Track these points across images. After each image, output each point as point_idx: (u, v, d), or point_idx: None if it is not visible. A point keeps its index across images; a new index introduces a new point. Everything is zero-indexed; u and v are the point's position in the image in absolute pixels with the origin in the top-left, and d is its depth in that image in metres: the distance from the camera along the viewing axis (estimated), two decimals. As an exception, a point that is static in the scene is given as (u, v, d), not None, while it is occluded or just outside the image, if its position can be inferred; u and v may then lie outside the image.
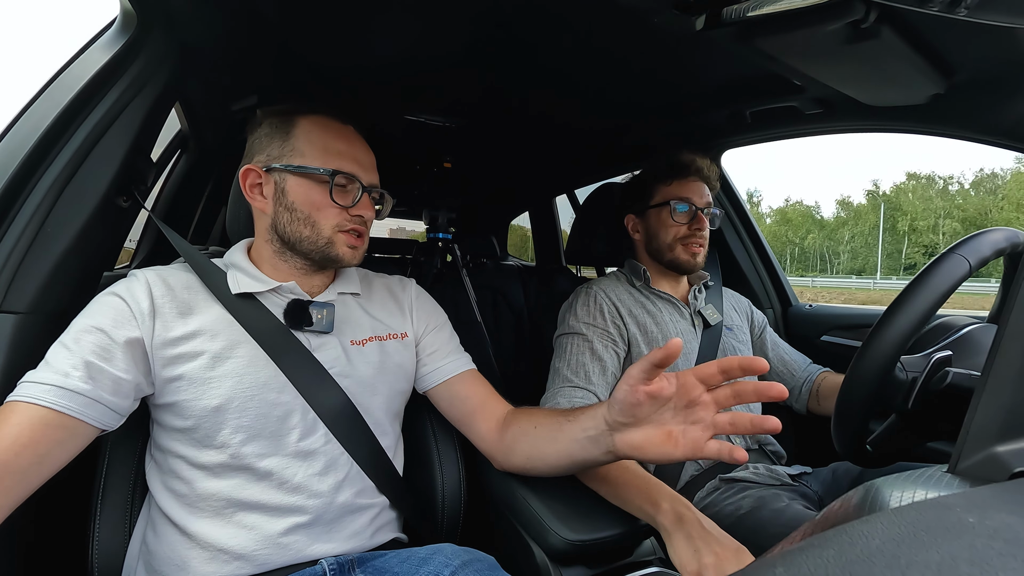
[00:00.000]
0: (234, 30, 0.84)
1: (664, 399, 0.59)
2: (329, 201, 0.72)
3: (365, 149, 0.78)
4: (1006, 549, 0.20)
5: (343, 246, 0.74)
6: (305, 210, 0.72)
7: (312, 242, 0.73)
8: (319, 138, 0.74)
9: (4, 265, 0.65)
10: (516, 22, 0.81)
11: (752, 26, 0.71)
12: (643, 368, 0.57)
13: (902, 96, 0.90)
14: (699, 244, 1.11)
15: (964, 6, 0.54)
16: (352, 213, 0.74)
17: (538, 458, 0.74)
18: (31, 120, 0.70)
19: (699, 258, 1.12)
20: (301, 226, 0.73)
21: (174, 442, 0.67)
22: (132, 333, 0.63)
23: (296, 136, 0.73)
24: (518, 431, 0.76)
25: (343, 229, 0.74)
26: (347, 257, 0.75)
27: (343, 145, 0.75)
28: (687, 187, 1.12)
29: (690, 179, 1.13)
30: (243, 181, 0.75)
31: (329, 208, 0.73)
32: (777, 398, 0.53)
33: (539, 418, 0.75)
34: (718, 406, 0.58)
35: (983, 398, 0.33)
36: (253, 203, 0.75)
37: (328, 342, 0.74)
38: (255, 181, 0.74)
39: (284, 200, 0.73)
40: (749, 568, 0.24)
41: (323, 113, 0.76)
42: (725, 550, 0.64)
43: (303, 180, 0.73)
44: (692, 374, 0.58)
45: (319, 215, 0.73)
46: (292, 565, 0.66)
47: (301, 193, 0.72)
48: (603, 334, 1.05)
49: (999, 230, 0.73)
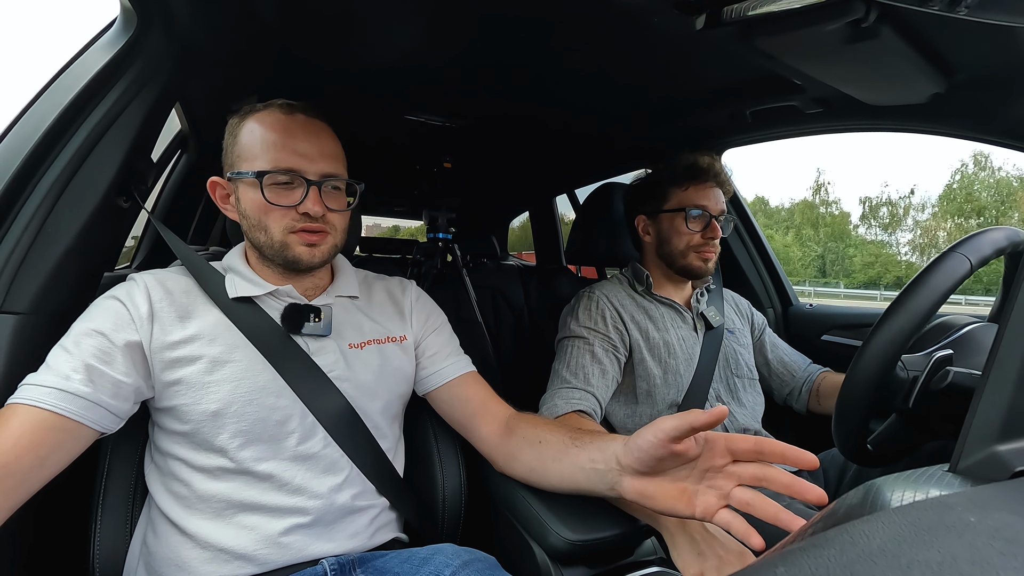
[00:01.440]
0: (234, 30, 0.84)
1: (689, 459, 0.56)
2: (266, 204, 0.68)
3: (311, 138, 0.70)
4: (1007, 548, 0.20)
5: (298, 246, 0.70)
6: (255, 216, 0.70)
7: (269, 246, 0.70)
8: (256, 136, 0.70)
9: (4, 265, 0.65)
10: (516, 22, 0.81)
11: (752, 26, 0.71)
12: (677, 425, 0.53)
13: (902, 96, 0.90)
14: (712, 251, 1.10)
15: (964, 6, 0.54)
16: (300, 211, 0.69)
17: (540, 473, 0.73)
18: (31, 120, 0.70)
19: (710, 264, 1.11)
20: (257, 232, 0.71)
21: (174, 445, 0.67)
22: (131, 337, 0.63)
23: (240, 139, 0.71)
24: (522, 440, 0.75)
25: (293, 230, 0.69)
26: (306, 257, 0.70)
27: (280, 138, 0.69)
28: (703, 193, 1.10)
29: (707, 185, 1.11)
30: (212, 194, 0.75)
31: (272, 210, 0.68)
32: (815, 501, 0.48)
33: (544, 432, 0.73)
34: (739, 481, 0.54)
35: (984, 397, 0.33)
36: (227, 214, 0.75)
37: (326, 346, 0.74)
38: (222, 192, 0.74)
39: (239, 208, 0.72)
40: (750, 568, 0.24)
41: (269, 107, 0.72)
42: (728, 552, 0.64)
43: (245, 186, 0.70)
44: (724, 441, 0.55)
45: (267, 219, 0.69)
46: (292, 565, 0.66)
47: (247, 199, 0.70)
48: (604, 339, 1.04)
49: (1000, 229, 0.73)
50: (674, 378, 1.04)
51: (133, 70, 0.74)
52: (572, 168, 1.84)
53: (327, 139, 0.73)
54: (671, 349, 1.05)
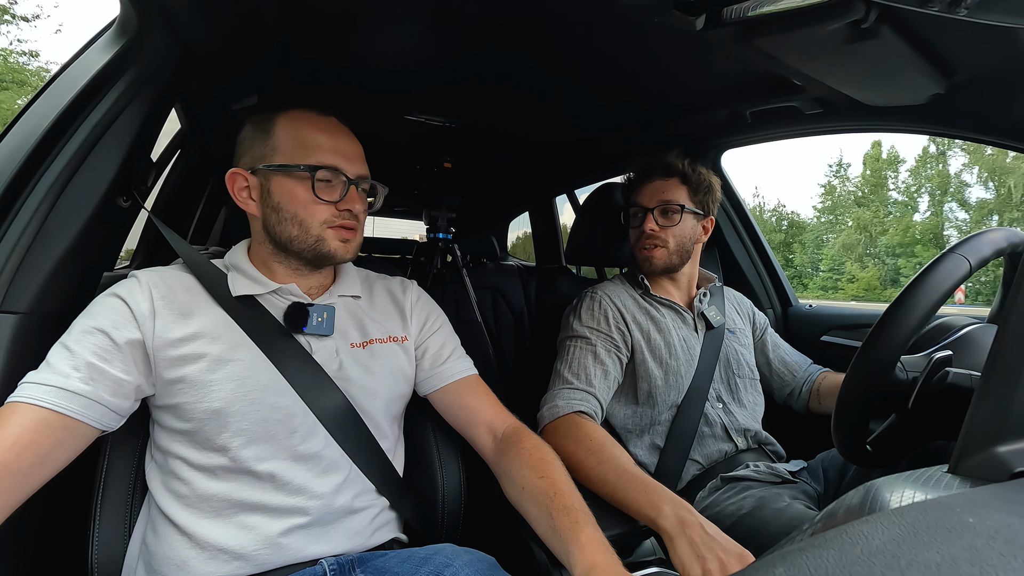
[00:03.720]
0: (234, 30, 0.84)
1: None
2: (313, 197, 0.71)
3: (350, 140, 0.76)
4: (1006, 549, 0.20)
5: (334, 241, 0.73)
6: (291, 209, 0.71)
7: (302, 241, 0.72)
8: (298, 133, 0.72)
9: (4, 265, 0.65)
10: (516, 23, 0.81)
11: (752, 26, 0.71)
12: None
13: (902, 96, 0.90)
14: (646, 245, 1.10)
15: (964, 6, 0.54)
16: (340, 208, 0.72)
17: (520, 510, 0.72)
18: (31, 120, 0.70)
19: (655, 261, 1.10)
20: (289, 226, 0.71)
21: (174, 443, 0.67)
22: (132, 334, 0.63)
23: (276, 134, 0.72)
24: (509, 467, 0.74)
25: (332, 225, 0.72)
26: (340, 252, 0.73)
27: (324, 138, 0.72)
28: (641, 191, 1.13)
29: (649, 181, 1.13)
30: (230, 186, 0.74)
31: (314, 205, 0.71)
32: None
33: (529, 477, 0.70)
34: None
35: (983, 398, 0.33)
36: (243, 206, 0.74)
37: (328, 345, 0.74)
38: (242, 185, 0.74)
39: (270, 201, 0.72)
40: (750, 568, 0.25)
41: (302, 107, 0.74)
42: (729, 555, 0.64)
43: (285, 178, 0.71)
44: None
45: (305, 213, 0.71)
46: (292, 565, 0.66)
47: (285, 192, 0.71)
48: (607, 339, 1.04)
49: (999, 230, 0.73)
50: (675, 379, 1.04)
51: (133, 70, 0.74)
52: (572, 168, 1.84)
53: (357, 142, 0.77)
54: (672, 350, 1.05)
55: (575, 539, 0.61)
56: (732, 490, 0.94)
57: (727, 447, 1.03)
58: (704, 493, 0.97)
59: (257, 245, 0.76)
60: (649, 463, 1.01)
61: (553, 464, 0.72)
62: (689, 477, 1.01)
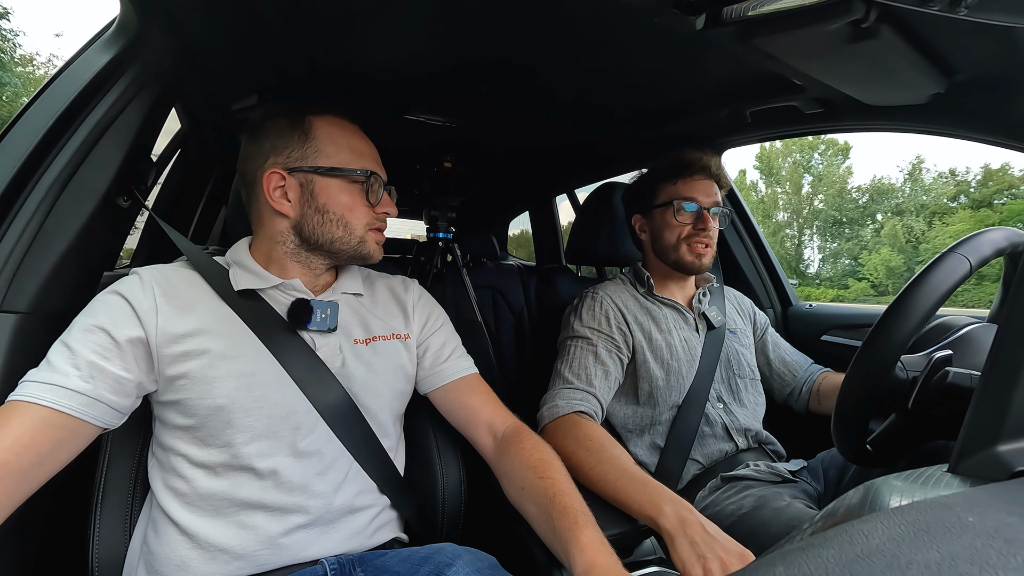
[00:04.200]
0: (234, 30, 0.84)
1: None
2: (363, 201, 0.75)
3: (374, 147, 0.80)
4: (1006, 549, 0.20)
5: (373, 243, 0.77)
6: (338, 211, 0.73)
7: (345, 242, 0.74)
8: (341, 138, 0.74)
9: (4, 265, 0.65)
10: (517, 22, 0.81)
11: (752, 26, 0.71)
12: None
13: (902, 96, 0.90)
14: (704, 244, 1.09)
15: (964, 6, 0.54)
16: (378, 211, 0.77)
17: (520, 510, 0.72)
18: (31, 120, 0.70)
19: (705, 259, 1.09)
20: (334, 227, 0.73)
21: (176, 440, 0.67)
22: (134, 332, 0.63)
23: (317, 137, 0.73)
24: (509, 467, 0.74)
25: (373, 227, 0.77)
26: (376, 253, 0.78)
27: (364, 145, 0.77)
28: (692, 185, 1.10)
29: (696, 177, 1.11)
30: (266, 185, 0.72)
31: (361, 208, 0.75)
32: None
33: (529, 477, 0.71)
34: None
35: (983, 398, 0.33)
36: (276, 207, 0.72)
37: (331, 341, 0.74)
38: (278, 184, 0.72)
39: (314, 202, 0.72)
40: (750, 568, 0.25)
41: (332, 113, 0.76)
42: (729, 555, 0.64)
43: (334, 181, 0.73)
44: None
45: (351, 215, 0.74)
46: (292, 565, 0.66)
47: (333, 194, 0.73)
48: (608, 340, 1.04)
49: (999, 229, 0.73)
50: (676, 379, 1.04)
51: (133, 70, 0.74)
52: (572, 168, 1.84)
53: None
54: (673, 351, 1.05)
55: (575, 540, 0.61)
56: (732, 489, 0.94)
57: (727, 447, 1.03)
58: (704, 492, 0.97)
59: (271, 244, 0.75)
60: (649, 463, 1.01)
61: (553, 464, 0.72)
62: (689, 477, 1.01)
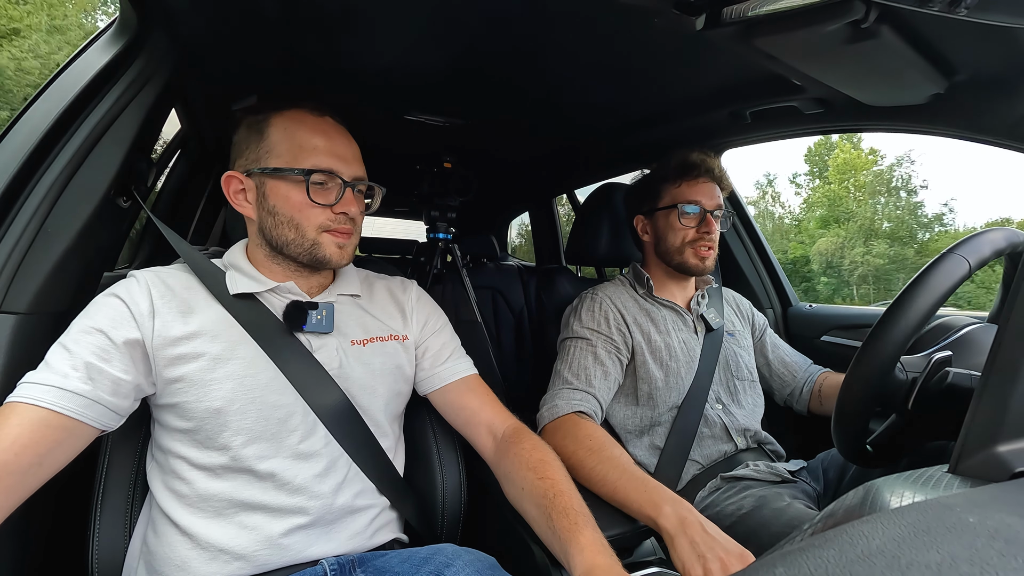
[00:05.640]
0: (234, 30, 0.84)
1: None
2: (309, 201, 0.70)
3: (345, 141, 0.74)
4: (1006, 549, 0.20)
5: (330, 246, 0.72)
6: (287, 212, 0.70)
7: (298, 244, 0.71)
8: (293, 135, 0.71)
9: (4, 265, 0.65)
10: (517, 22, 0.81)
11: (752, 26, 0.71)
12: None
13: (902, 96, 0.90)
14: (708, 247, 1.09)
15: (964, 6, 0.54)
16: (336, 211, 0.71)
17: (520, 511, 0.72)
18: (31, 120, 0.70)
19: (708, 262, 1.10)
20: (285, 229, 0.71)
21: (175, 443, 0.67)
22: (131, 334, 0.63)
23: (270, 136, 0.71)
24: (509, 468, 0.74)
25: (327, 229, 0.71)
26: (335, 257, 0.72)
27: (319, 139, 0.71)
28: (696, 188, 1.10)
29: (700, 180, 1.11)
30: (226, 188, 0.73)
31: (310, 208, 0.70)
32: None
33: (528, 478, 0.70)
34: None
35: (983, 398, 0.33)
36: (239, 209, 0.73)
37: (328, 343, 0.74)
38: (238, 187, 0.73)
39: (266, 204, 0.71)
40: (750, 568, 0.25)
41: (297, 107, 0.73)
42: (729, 555, 0.64)
43: (280, 182, 0.70)
44: None
45: (301, 216, 0.70)
46: (293, 565, 0.66)
47: (280, 195, 0.70)
48: (607, 340, 1.04)
49: (999, 230, 0.73)
50: (675, 381, 1.04)
51: (133, 70, 0.74)
52: (572, 168, 1.84)
53: (354, 143, 0.76)
54: (672, 352, 1.05)
55: (575, 541, 0.61)
56: (732, 490, 0.94)
57: (727, 447, 1.03)
58: (704, 493, 0.97)
59: (254, 247, 0.76)
60: (649, 463, 1.01)
61: (553, 465, 0.72)
62: (689, 477, 1.01)
